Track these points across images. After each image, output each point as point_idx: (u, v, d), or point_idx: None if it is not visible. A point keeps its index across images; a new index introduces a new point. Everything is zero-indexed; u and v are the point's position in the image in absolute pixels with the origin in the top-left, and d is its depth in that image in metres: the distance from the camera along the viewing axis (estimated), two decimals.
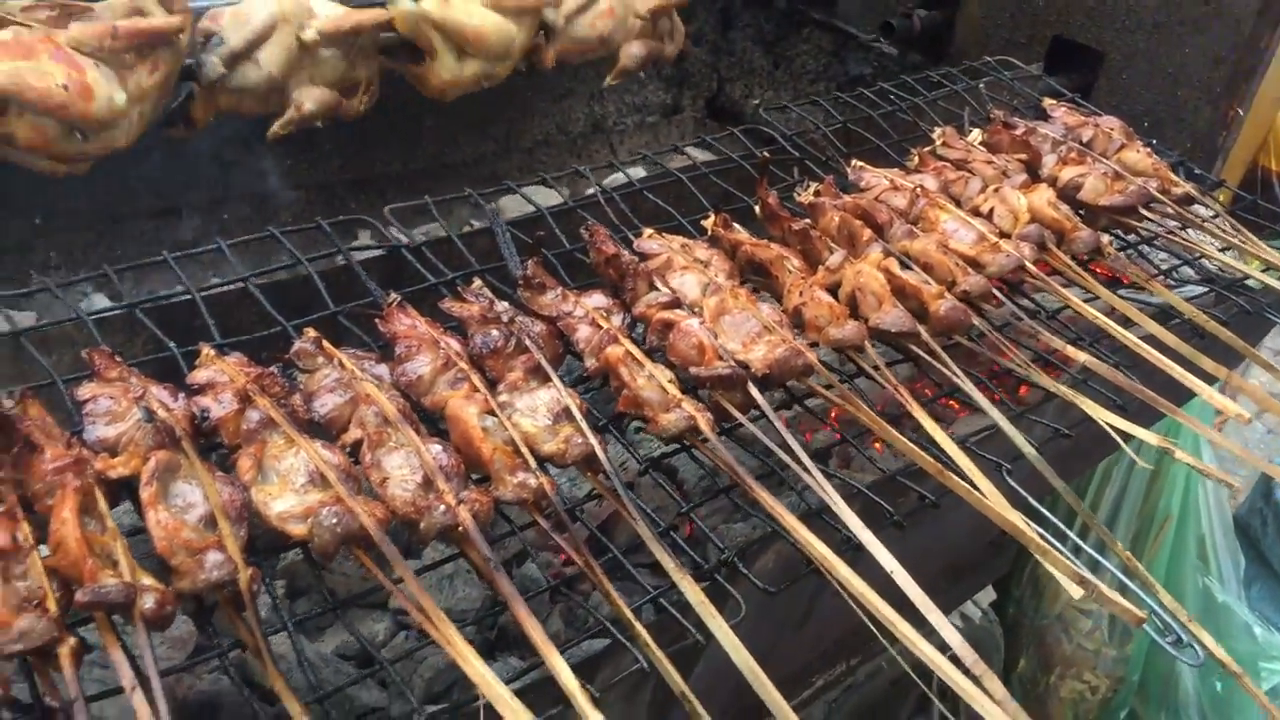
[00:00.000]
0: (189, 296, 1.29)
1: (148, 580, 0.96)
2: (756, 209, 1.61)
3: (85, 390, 1.09)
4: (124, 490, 1.05)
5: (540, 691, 1.01)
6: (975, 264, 1.56)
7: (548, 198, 1.81)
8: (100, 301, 2.49)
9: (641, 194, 1.63)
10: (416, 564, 1.31)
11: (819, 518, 1.21)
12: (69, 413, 1.12)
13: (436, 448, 1.14)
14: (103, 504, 0.99)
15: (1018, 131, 1.86)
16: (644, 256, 1.44)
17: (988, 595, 2.93)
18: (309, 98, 2.25)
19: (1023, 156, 1.82)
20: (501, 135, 3.41)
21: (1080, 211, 1.77)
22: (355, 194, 3.13)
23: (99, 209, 2.74)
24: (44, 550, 0.97)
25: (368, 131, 3.04)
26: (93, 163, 2.12)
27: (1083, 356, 1.46)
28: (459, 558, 1.13)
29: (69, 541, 0.93)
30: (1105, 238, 1.69)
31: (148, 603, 0.94)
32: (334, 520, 1.03)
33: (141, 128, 2.10)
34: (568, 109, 3.54)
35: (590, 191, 1.65)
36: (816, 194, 1.63)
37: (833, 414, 1.61)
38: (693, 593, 1.10)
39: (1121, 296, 1.59)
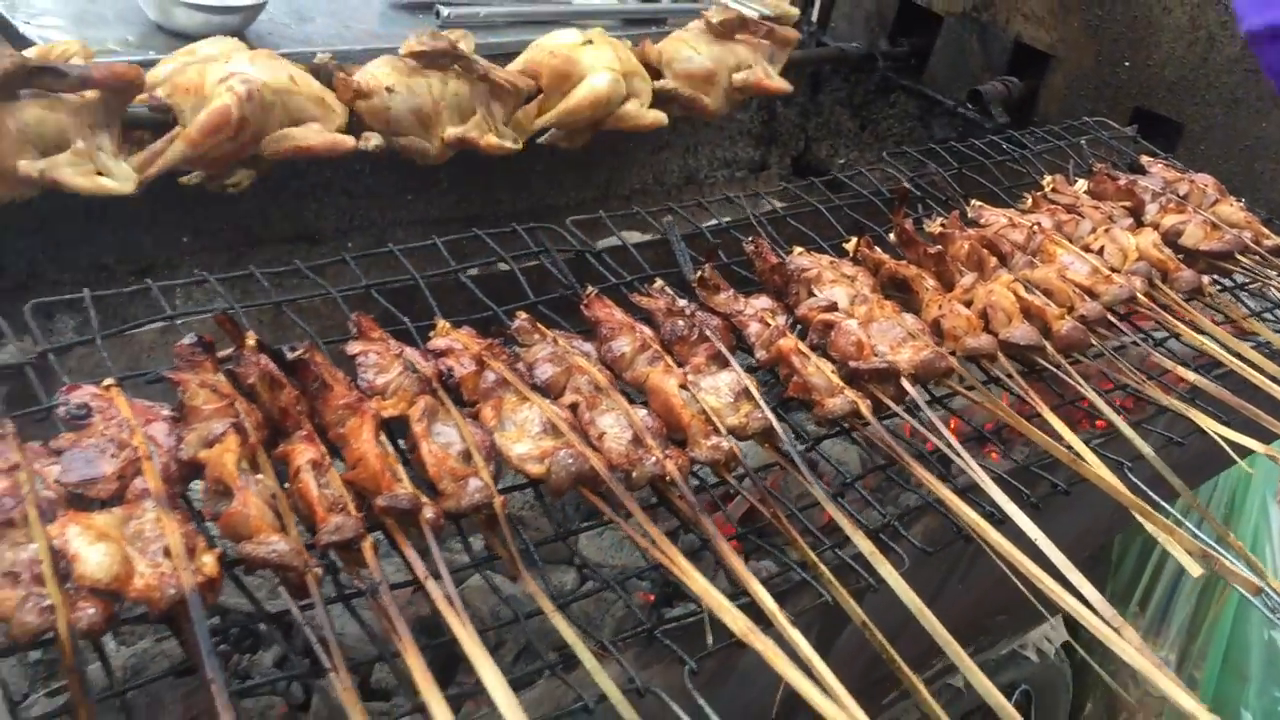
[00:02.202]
0: (413, 281, 1.52)
1: (423, 498, 1.17)
2: (890, 236, 1.82)
3: (354, 347, 1.31)
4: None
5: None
6: (1090, 293, 1.76)
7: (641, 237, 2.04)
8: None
9: (784, 220, 1.85)
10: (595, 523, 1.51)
11: (965, 494, 1.40)
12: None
13: (642, 412, 1.35)
14: (382, 434, 1.21)
15: (1121, 182, 2.07)
16: (799, 269, 1.66)
17: (1060, 635, 3.07)
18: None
19: (1127, 204, 2.03)
20: (602, 182, 3.67)
21: (1180, 255, 1.97)
22: (467, 229, 3.38)
23: (239, 232, 3.01)
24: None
25: (482, 172, 3.32)
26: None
27: (1191, 376, 1.65)
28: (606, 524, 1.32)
29: (369, 458, 1.15)
30: (1205, 279, 1.89)
31: (428, 513, 1.15)
32: (570, 461, 1.24)
33: None
34: (664, 160, 3.80)
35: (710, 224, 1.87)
36: (943, 226, 1.84)
37: (953, 423, 1.80)
38: (864, 543, 1.29)
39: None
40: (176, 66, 2.18)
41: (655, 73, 2.91)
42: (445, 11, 3.30)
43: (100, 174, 2.09)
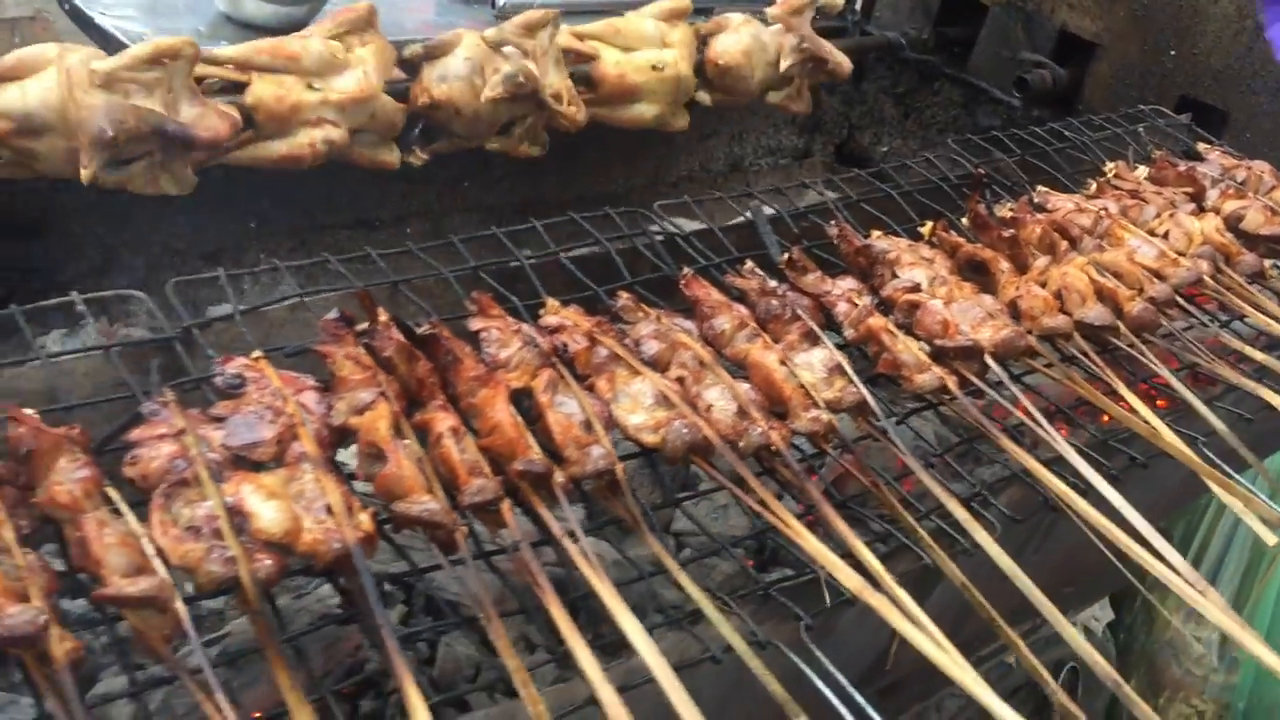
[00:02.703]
0: (517, 263, 1.60)
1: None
2: (962, 221, 1.90)
3: (476, 323, 1.40)
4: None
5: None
6: (1158, 275, 1.83)
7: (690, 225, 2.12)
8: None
9: (858, 205, 1.92)
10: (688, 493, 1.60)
11: (1050, 466, 1.48)
12: None
13: (745, 385, 1.43)
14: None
15: (1181, 168, 2.14)
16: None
17: (1106, 614, 3.14)
18: (507, 64, 2.62)
19: (1188, 190, 2.10)
20: (650, 170, 3.75)
21: (1240, 240, 2.04)
22: (521, 217, 3.46)
23: (304, 218, 3.10)
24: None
25: (536, 161, 3.40)
26: (344, 129, 2.47)
27: (1260, 355, 1.72)
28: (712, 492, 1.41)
29: (504, 426, 1.24)
30: (1267, 262, 1.96)
31: (559, 477, 1.23)
32: (684, 431, 1.32)
33: (370, 82, 2.46)
34: (710, 148, 3.88)
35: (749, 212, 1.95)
36: (1012, 210, 1.92)
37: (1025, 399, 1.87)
38: (958, 510, 1.37)
39: None
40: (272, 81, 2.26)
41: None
42: (501, 2, 3.38)
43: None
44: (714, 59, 3.08)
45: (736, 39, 3.03)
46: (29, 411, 1.14)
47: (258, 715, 1.22)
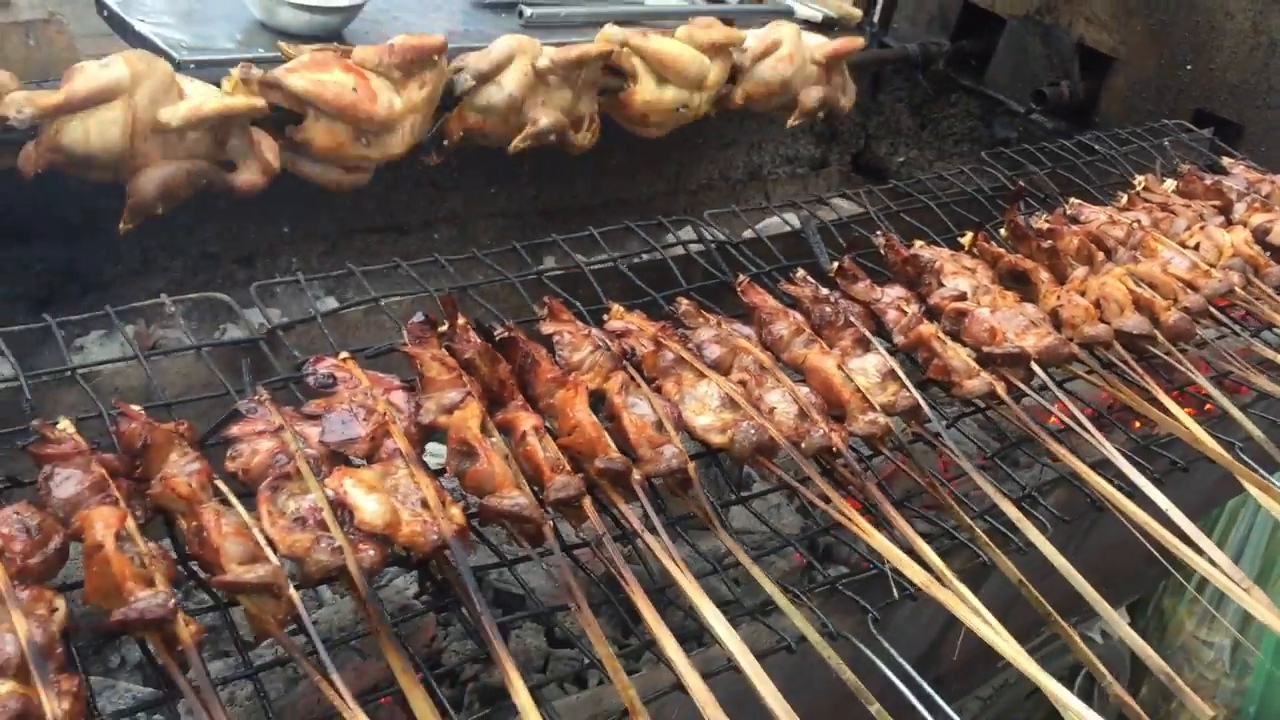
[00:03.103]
0: (579, 270, 1.67)
1: None
2: (1001, 231, 1.97)
3: (548, 327, 1.46)
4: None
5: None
6: (1191, 286, 1.90)
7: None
8: (331, 303, 2.90)
9: (898, 215, 1.99)
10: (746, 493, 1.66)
11: (1096, 469, 1.54)
12: None
13: (804, 389, 1.50)
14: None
15: (1208, 181, 2.21)
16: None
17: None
18: (544, 114, 2.65)
19: (1216, 203, 2.18)
20: (672, 176, 3.82)
21: (1267, 252, 2.11)
22: (545, 222, 3.54)
23: (334, 224, 3.17)
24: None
25: (561, 167, 3.47)
26: (371, 172, 2.54)
27: None
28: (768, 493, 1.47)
29: (585, 425, 1.30)
30: None
31: (637, 474, 1.29)
32: (752, 432, 1.39)
33: (413, 138, 2.52)
34: (730, 157, 3.95)
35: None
36: (1048, 222, 1.99)
37: (1058, 405, 1.94)
38: (1010, 510, 1.44)
39: None
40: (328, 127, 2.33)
41: None
42: (528, 11, 3.45)
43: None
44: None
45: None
46: (135, 408, 1.20)
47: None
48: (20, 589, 1.01)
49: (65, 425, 1.16)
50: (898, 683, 1.22)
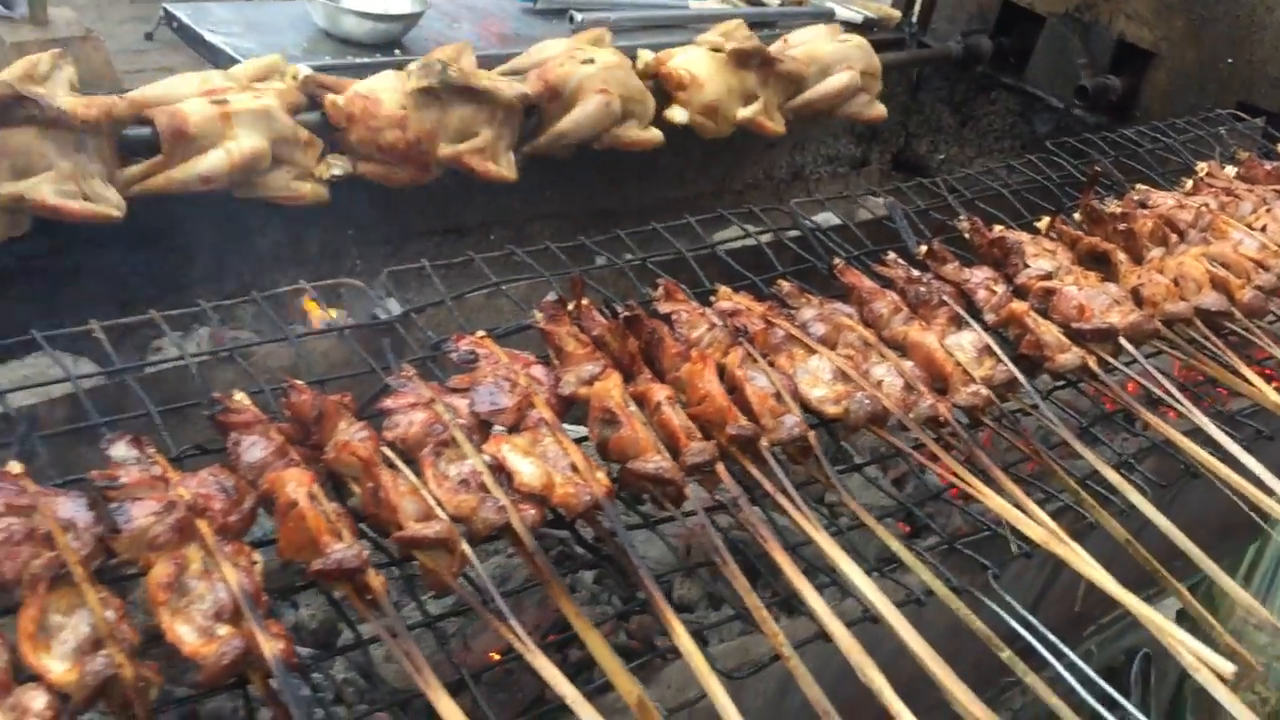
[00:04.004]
0: (679, 255, 1.75)
1: None
2: (1075, 215, 2.05)
3: (665, 306, 1.55)
4: None
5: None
6: (1262, 265, 1.98)
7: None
8: (392, 305, 2.99)
9: (972, 203, 2.08)
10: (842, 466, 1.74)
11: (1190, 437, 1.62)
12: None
13: (909, 364, 1.58)
14: None
15: (1268, 167, 2.29)
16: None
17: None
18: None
19: (1277, 187, 2.25)
20: (719, 177, 3.92)
21: None
22: (597, 222, 3.63)
23: (397, 226, 3.26)
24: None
25: (614, 169, 3.56)
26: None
27: None
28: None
29: (714, 395, 1.38)
30: None
31: (764, 441, 1.38)
32: (866, 402, 1.47)
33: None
34: (773, 157, 4.04)
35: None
36: (1119, 206, 2.07)
37: (1130, 387, 2.02)
38: (1111, 475, 1.52)
39: None
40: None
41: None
42: (579, 16, 3.55)
43: (87, 198, 2.23)
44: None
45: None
46: (300, 383, 1.29)
47: (494, 655, 1.37)
48: (223, 544, 1.09)
49: (241, 397, 1.25)
50: (1022, 631, 1.30)
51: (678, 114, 3.07)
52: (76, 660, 0.97)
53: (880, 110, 3.56)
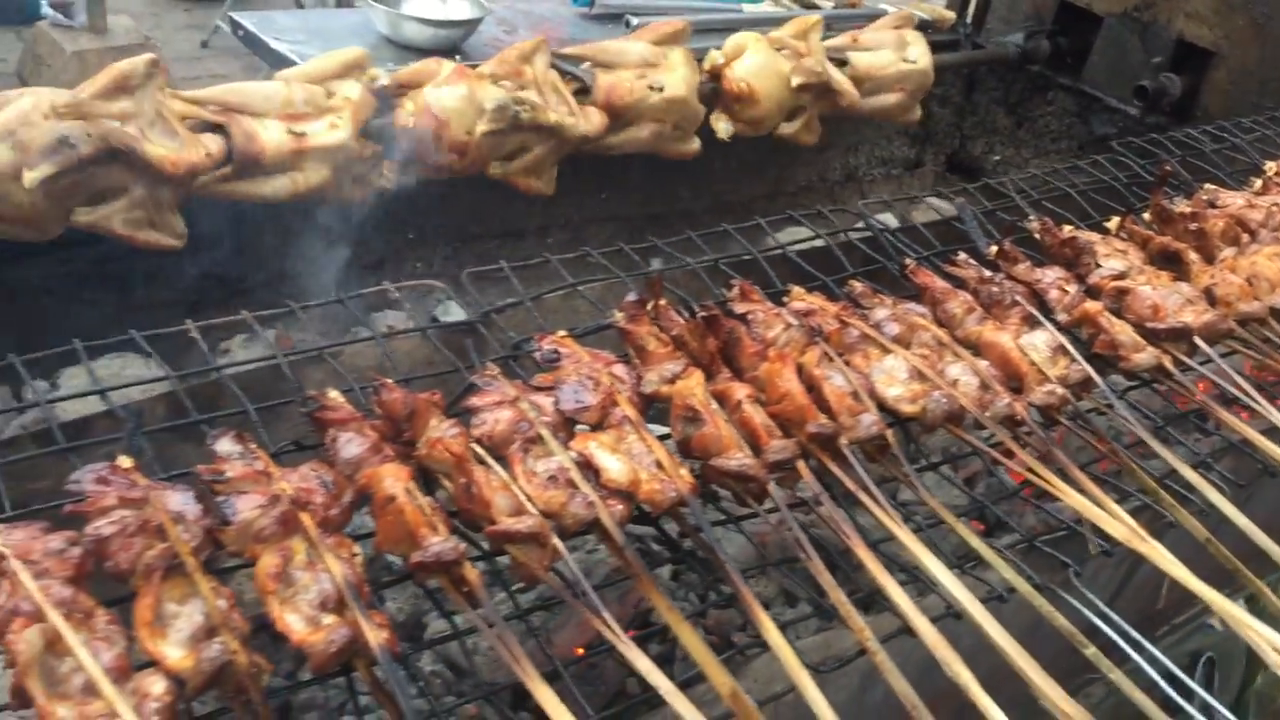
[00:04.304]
0: (751, 256, 1.77)
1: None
2: (1144, 215, 2.04)
3: (741, 306, 1.57)
4: None
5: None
6: None
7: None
8: (454, 308, 3.04)
9: (1039, 204, 2.08)
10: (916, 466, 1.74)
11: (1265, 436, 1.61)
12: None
13: (984, 363, 1.59)
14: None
15: None
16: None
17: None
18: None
19: None
20: (772, 179, 3.93)
21: None
22: (652, 225, 3.66)
23: (455, 231, 3.31)
24: None
25: (667, 172, 3.59)
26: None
27: None
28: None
29: (795, 394, 1.40)
30: None
31: (844, 439, 1.39)
32: (943, 401, 1.48)
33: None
34: (827, 159, 4.05)
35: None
36: (1189, 206, 2.06)
37: (1200, 386, 2.01)
38: (1189, 474, 1.52)
39: None
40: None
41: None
42: (635, 21, 3.58)
43: (154, 225, 2.29)
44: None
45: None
46: (390, 381, 1.32)
47: (578, 649, 1.40)
48: (325, 536, 1.13)
49: (335, 395, 1.28)
50: (1104, 626, 1.31)
51: (723, 128, 3.11)
52: (191, 647, 1.01)
53: (915, 116, 3.57)
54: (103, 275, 2.79)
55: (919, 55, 3.36)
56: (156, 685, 0.97)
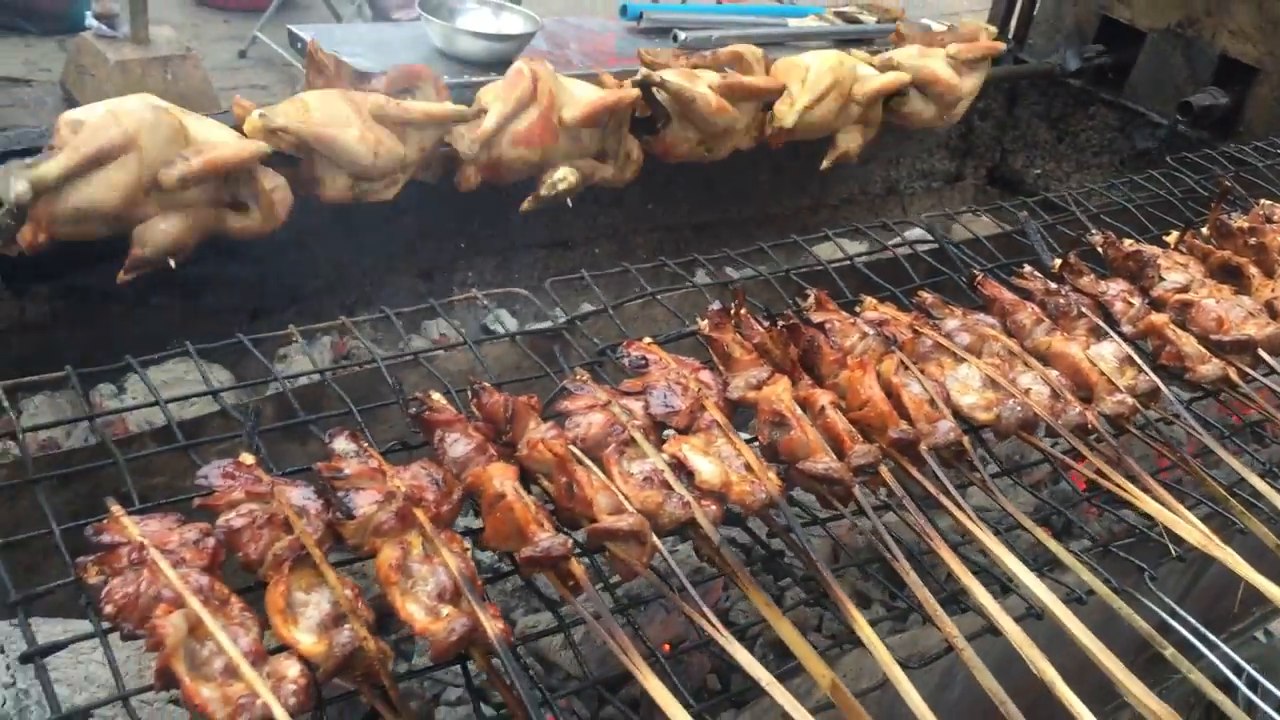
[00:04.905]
0: (820, 267, 1.82)
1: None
2: (1203, 230, 2.09)
3: (819, 315, 1.62)
4: None
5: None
6: None
7: (852, 247, 2.30)
8: (505, 316, 3.10)
9: (1098, 219, 2.12)
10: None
11: None
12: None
13: (1054, 372, 1.63)
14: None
15: None
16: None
17: None
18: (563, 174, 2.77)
19: None
20: (816, 192, 3.98)
21: None
22: (697, 236, 3.72)
23: (504, 240, 3.37)
24: None
25: (713, 184, 3.65)
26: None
27: None
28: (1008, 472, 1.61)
29: (877, 400, 1.45)
30: None
31: (924, 445, 1.44)
32: (1017, 409, 1.53)
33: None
34: (869, 172, 4.10)
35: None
36: (1247, 221, 2.10)
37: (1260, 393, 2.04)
38: (1259, 484, 1.56)
39: None
40: None
41: None
42: (682, 35, 3.65)
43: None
44: None
45: None
46: (488, 385, 1.38)
47: (667, 645, 1.44)
48: (438, 531, 1.18)
49: (438, 397, 1.34)
50: (1178, 627, 1.35)
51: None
52: (322, 634, 1.06)
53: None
54: (168, 283, 2.87)
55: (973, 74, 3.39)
56: (292, 668, 1.03)
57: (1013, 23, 4.16)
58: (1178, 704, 1.36)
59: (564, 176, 2.76)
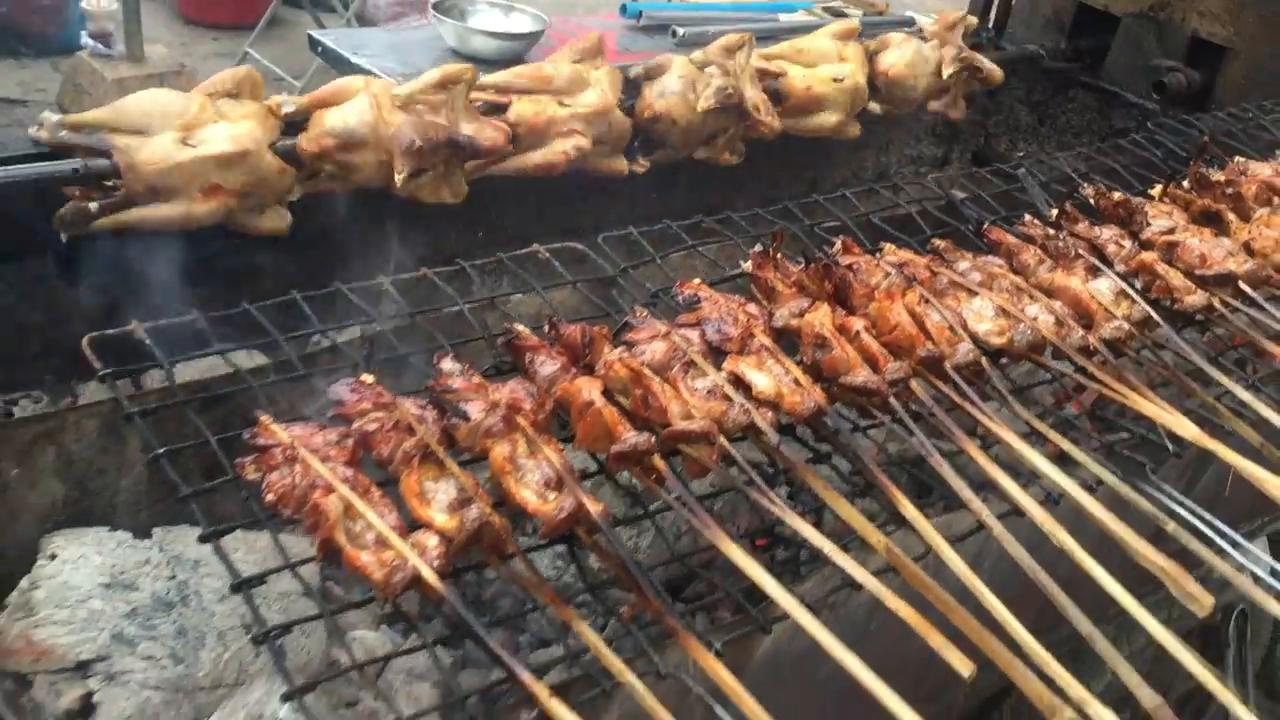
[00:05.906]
0: (841, 224, 2.04)
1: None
2: (1184, 183, 2.31)
3: (846, 258, 1.83)
4: None
5: None
6: None
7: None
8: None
9: (1087, 176, 2.35)
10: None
11: None
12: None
13: (1057, 304, 1.84)
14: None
15: None
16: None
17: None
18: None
19: None
20: (810, 178, 4.20)
21: None
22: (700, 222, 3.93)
23: (520, 229, 3.56)
24: None
25: (713, 175, 3.86)
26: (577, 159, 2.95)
27: None
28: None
29: (905, 324, 1.66)
30: None
31: (948, 364, 1.65)
32: (1027, 333, 1.74)
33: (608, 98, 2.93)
34: (861, 159, 4.32)
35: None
36: (1223, 174, 2.33)
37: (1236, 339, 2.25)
38: (1242, 393, 1.77)
39: None
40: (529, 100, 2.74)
41: None
42: (680, 31, 3.87)
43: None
44: (883, 71, 3.51)
45: (901, 54, 3.46)
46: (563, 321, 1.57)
47: None
48: (538, 435, 1.38)
49: (522, 328, 1.54)
50: (1190, 518, 1.56)
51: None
52: (453, 512, 1.26)
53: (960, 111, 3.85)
54: (207, 272, 3.05)
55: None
56: (431, 539, 1.22)
57: (993, 12, 4.41)
58: None
59: None
